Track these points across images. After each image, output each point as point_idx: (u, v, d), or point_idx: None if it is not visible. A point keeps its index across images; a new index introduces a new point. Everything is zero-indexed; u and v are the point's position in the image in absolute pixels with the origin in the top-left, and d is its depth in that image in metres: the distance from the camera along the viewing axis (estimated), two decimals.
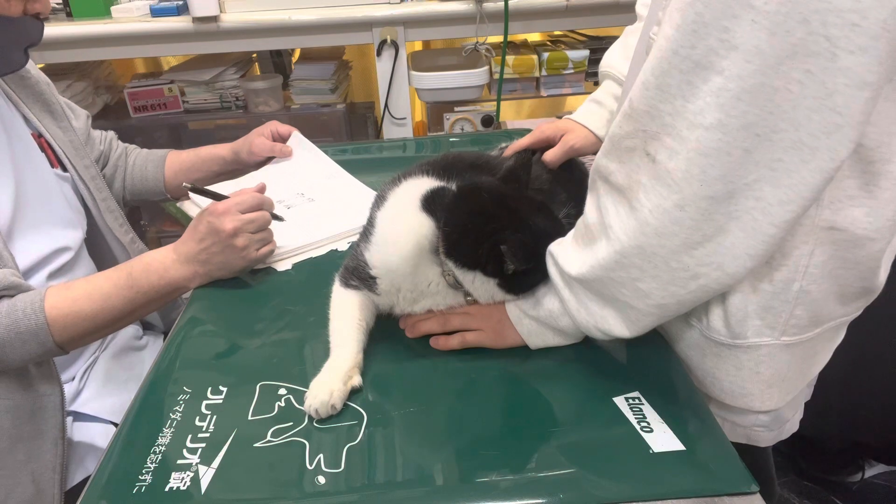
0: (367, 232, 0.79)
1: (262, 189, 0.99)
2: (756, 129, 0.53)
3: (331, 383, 0.69)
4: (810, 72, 0.50)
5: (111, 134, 1.25)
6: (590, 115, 1.02)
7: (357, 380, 0.72)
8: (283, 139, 1.28)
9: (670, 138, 0.56)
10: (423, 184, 0.78)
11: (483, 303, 0.76)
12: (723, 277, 0.60)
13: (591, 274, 0.65)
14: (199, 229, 0.91)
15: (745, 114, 0.52)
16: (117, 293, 0.88)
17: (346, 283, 0.79)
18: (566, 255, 0.68)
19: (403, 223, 0.75)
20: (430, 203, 0.75)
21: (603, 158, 0.64)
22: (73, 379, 0.99)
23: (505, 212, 0.72)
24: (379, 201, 0.80)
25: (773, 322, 0.67)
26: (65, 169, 1.04)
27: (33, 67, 1.07)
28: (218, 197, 1.00)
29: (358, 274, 0.78)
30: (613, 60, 1.00)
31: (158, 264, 0.91)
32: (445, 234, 0.72)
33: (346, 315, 0.77)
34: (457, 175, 0.79)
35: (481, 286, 0.73)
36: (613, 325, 0.67)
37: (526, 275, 0.72)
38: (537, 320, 0.74)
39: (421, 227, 0.73)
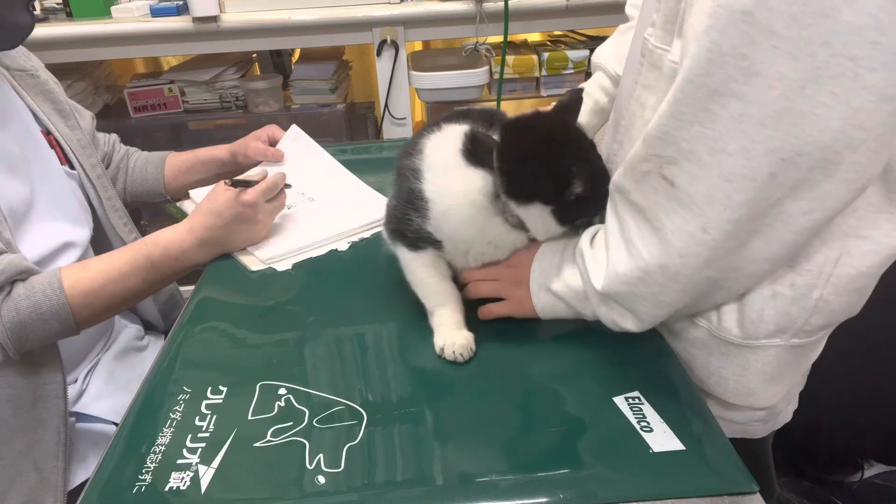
0: (414, 204, 0.75)
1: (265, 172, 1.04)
2: (781, 153, 0.53)
3: (460, 330, 0.74)
4: (835, 94, 0.50)
5: (114, 136, 1.26)
6: (587, 113, 1.03)
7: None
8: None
9: (690, 163, 0.56)
10: (450, 137, 0.76)
11: (541, 239, 0.77)
12: (741, 278, 0.62)
13: (612, 288, 0.67)
14: (228, 217, 0.96)
15: (769, 139, 0.52)
16: (136, 273, 0.92)
17: (416, 246, 0.78)
18: (594, 263, 0.70)
19: (456, 187, 0.73)
20: (474, 153, 0.73)
21: (620, 177, 0.65)
22: (76, 381, 0.99)
23: (567, 138, 0.74)
24: (413, 175, 0.75)
25: (787, 327, 0.67)
26: (72, 167, 1.05)
27: (41, 67, 1.07)
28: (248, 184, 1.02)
29: (424, 240, 0.77)
30: (606, 55, 1.01)
31: (177, 248, 0.95)
32: (502, 170, 0.72)
33: (433, 276, 0.78)
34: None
35: (538, 218, 0.73)
36: (628, 322, 0.70)
37: (582, 203, 0.72)
38: (557, 295, 0.75)
39: (474, 182, 0.73)
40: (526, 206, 0.72)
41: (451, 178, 0.74)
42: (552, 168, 0.71)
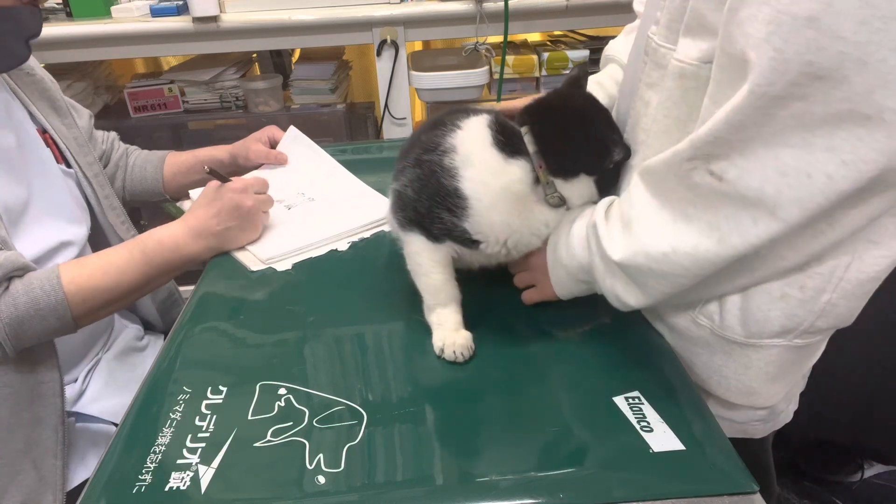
0: (446, 202, 0.73)
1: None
2: (842, 154, 0.51)
3: (458, 330, 0.75)
4: None
5: (113, 135, 1.26)
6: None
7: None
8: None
9: (742, 158, 0.55)
10: (477, 132, 0.75)
11: (577, 207, 0.77)
12: (763, 268, 0.62)
13: (632, 260, 0.66)
14: (217, 204, 0.97)
15: (830, 135, 0.51)
16: (132, 268, 0.92)
17: (436, 238, 0.76)
18: (608, 235, 0.69)
19: (498, 182, 0.73)
20: (507, 144, 0.74)
21: (658, 165, 0.63)
22: (76, 380, 0.99)
23: (593, 109, 0.78)
24: (445, 173, 0.73)
25: (793, 328, 0.67)
26: (69, 165, 1.05)
27: (38, 66, 1.07)
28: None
29: (455, 237, 0.76)
30: (618, 48, 0.99)
31: (171, 240, 0.95)
32: (544, 152, 0.73)
33: (442, 273, 0.78)
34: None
35: (583, 190, 0.75)
36: (631, 297, 0.70)
37: (617, 167, 0.76)
38: (566, 269, 0.75)
39: (512, 174, 0.73)
40: (571, 182, 0.74)
41: (490, 174, 0.73)
42: (592, 141, 0.74)
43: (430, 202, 0.74)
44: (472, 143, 0.75)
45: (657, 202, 0.64)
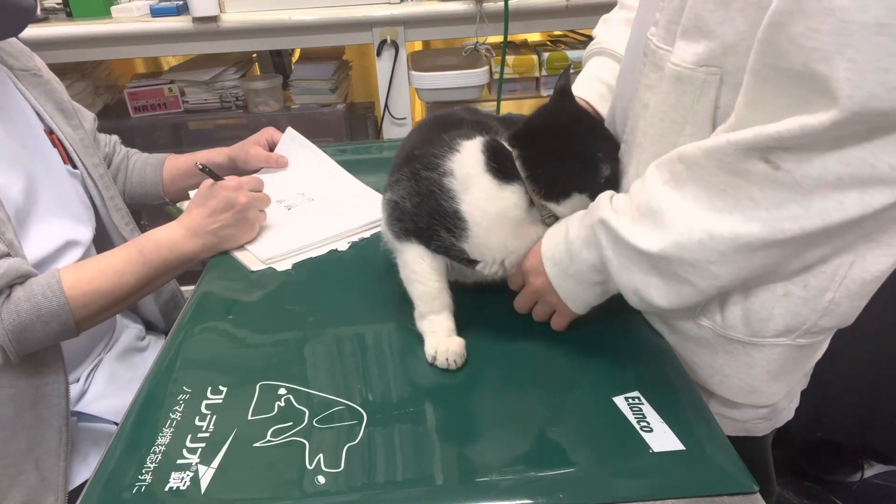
0: (446, 223, 0.74)
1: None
2: None
3: (451, 337, 0.75)
4: None
5: (115, 138, 1.27)
6: (601, 99, 0.94)
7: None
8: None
9: (802, 147, 0.54)
10: (473, 154, 0.76)
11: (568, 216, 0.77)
12: (797, 263, 0.62)
13: (664, 252, 0.62)
14: (211, 203, 0.98)
15: None
16: (131, 269, 0.92)
17: (435, 249, 0.77)
18: (622, 226, 0.66)
19: (494, 208, 0.74)
20: (501, 170, 0.74)
21: (698, 151, 0.61)
22: (78, 380, 0.99)
23: (580, 126, 0.78)
24: (444, 194, 0.74)
25: (796, 327, 0.67)
26: (75, 166, 1.05)
27: (45, 68, 1.08)
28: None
29: (452, 256, 0.76)
30: (611, 39, 0.95)
31: (167, 239, 0.95)
32: (534, 178, 0.74)
33: (438, 281, 0.78)
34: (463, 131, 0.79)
35: (577, 206, 0.75)
36: (654, 294, 0.66)
37: (609, 181, 0.75)
38: (576, 277, 0.73)
39: (507, 200, 0.74)
40: (564, 202, 0.74)
41: (486, 200, 0.74)
42: (581, 162, 0.74)
43: (430, 219, 0.75)
44: (469, 166, 0.75)
45: (686, 190, 0.61)
